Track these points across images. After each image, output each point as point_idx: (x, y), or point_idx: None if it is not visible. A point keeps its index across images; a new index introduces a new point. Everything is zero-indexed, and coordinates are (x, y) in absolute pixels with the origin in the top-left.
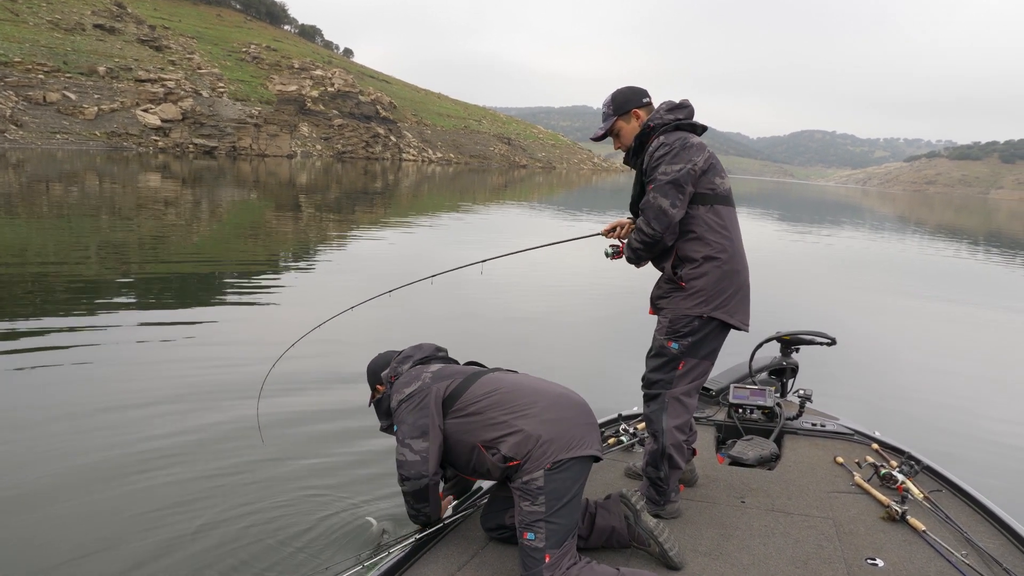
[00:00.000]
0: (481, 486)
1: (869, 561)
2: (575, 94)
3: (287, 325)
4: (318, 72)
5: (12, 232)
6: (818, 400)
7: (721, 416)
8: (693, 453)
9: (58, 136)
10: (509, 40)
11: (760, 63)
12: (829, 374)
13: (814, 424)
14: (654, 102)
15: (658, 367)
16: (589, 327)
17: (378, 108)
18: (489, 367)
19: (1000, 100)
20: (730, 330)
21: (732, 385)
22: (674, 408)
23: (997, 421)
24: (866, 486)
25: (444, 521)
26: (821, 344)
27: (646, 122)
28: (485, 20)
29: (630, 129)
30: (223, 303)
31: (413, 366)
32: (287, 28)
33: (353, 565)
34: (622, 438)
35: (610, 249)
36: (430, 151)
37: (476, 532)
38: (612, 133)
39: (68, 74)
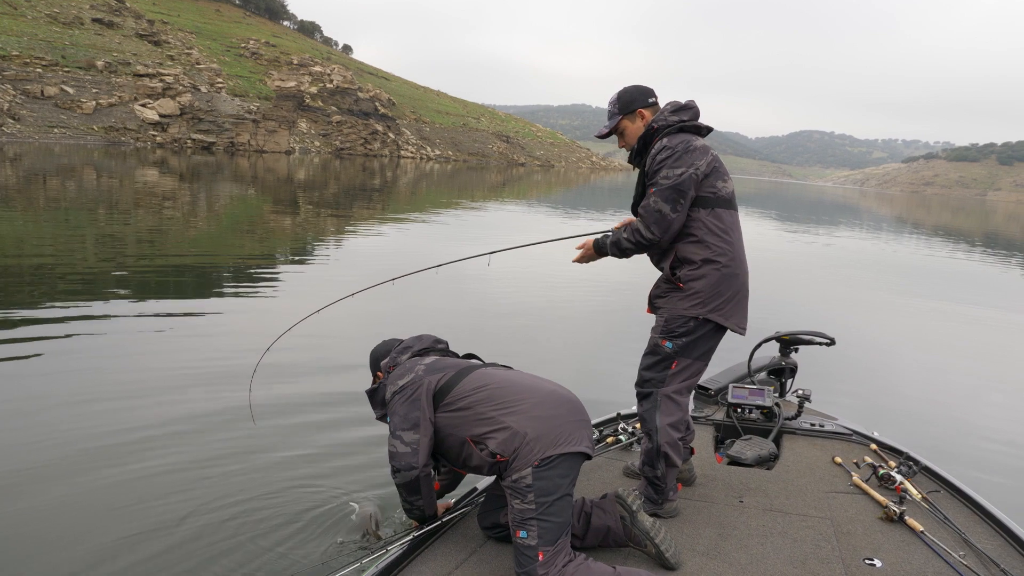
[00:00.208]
0: (475, 487)
1: (867, 561)
2: (574, 92)
3: (285, 315)
4: (317, 68)
5: (9, 226)
6: (817, 400)
7: (720, 416)
8: (691, 452)
9: (56, 130)
10: (508, 37)
11: (759, 63)
12: (828, 374)
13: (813, 424)
14: (660, 101)
15: (651, 365)
16: (588, 325)
17: (377, 105)
18: (485, 361)
19: (998, 103)
20: (726, 332)
21: (731, 385)
22: (667, 406)
23: (995, 422)
24: (864, 486)
25: (442, 519)
26: (820, 344)
27: (650, 123)
28: (484, 17)
29: (634, 129)
30: (220, 295)
31: (411, 357)
32: (286, 24)
33: (351, 563)
34: (620, 437)
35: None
36: (428, 148)
37: (474, 530)
38: (617, 132)
39: (66, 68)
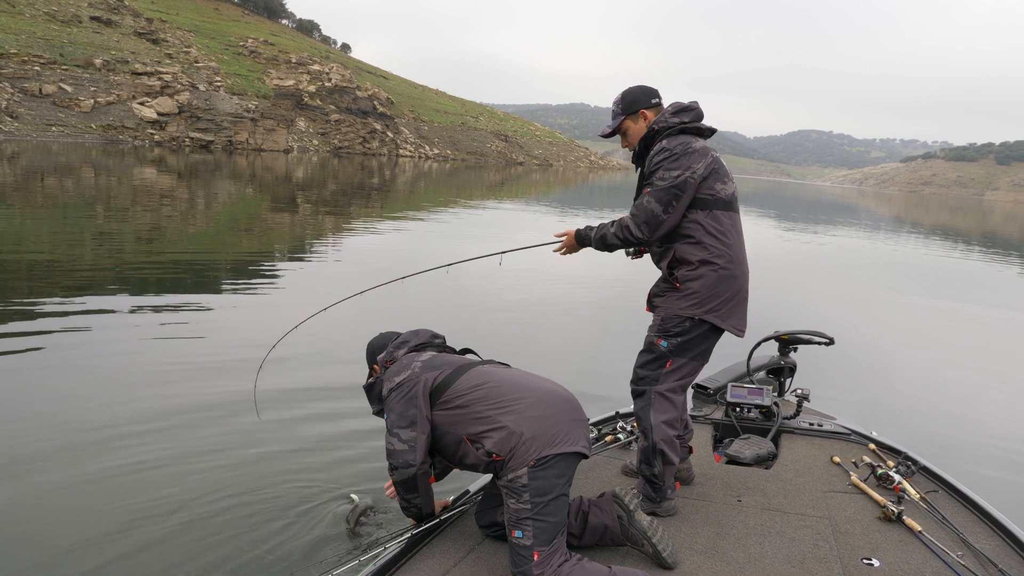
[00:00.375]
0: (468, 490)
1: (865, 561)
2: (573, 92)
3: (292, 311)
4: (315, 67)
5: (7, 223)
6: (815, 400)
7: (718, 415)
8: (690, 451)
9: (54, 128)
10: (507, 36)
11: (757, 63)
12: (827, 374)
13: (811, 424)
14: (664, 102)
15: (646, 363)
16: (588, 323)
17: (375, 104)
18: (482, 358)
19: (996, 102)
20: (724, 333)
21: (730, 384)
22: (660, 404)
23: (994, 422)
24: (863, 486)
25: (440, 517)
26: (819, 344)
27: (651, 124)
28: (484, 16)
29: (637, 129)
30: (222, 292)
31: (408, 352)
32: (285, 22)
33: (349, 560)
34: (619, 436)
35: (632, 248)
36: (427, 147)
37: (472, 529)
38: (619, 132)
39: (64, 66)
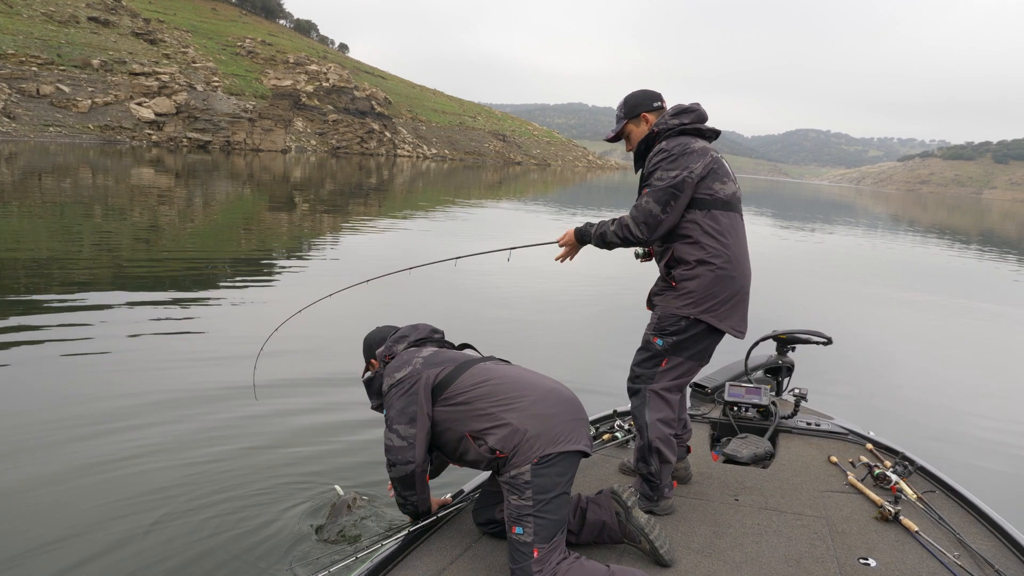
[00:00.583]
0: (462, 489)
1: (861, 561)
2: (571, 91)
3: (294, 306)
4: (313, 67)
5: (4, 222)
6: (813, 399)
7: (716, 414)
8: (688, 450)
9: (51, 129)
10: (505, 36)
11: (755, 62)
12: (825, 373)
13: (809, 423)
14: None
15: (642, 361)
16: (587, 321)
17: (373, 104)
18: (483, 354)
19: (993, 101)
20: (723, 335)
21: (727, 383)
22: (655, 402)
23: (992, 422)
24: (860, 486)
25: (437, 515)
26: (817, 343)
27: (652, 126)
28: (482, 16)
29: (639, 132)
30: (222, 288)
31: (408, 347)
32: (282, 23)
33: (347, 558)
34: (617, 434)
35: (640, 250)
36: (425, 147)
37: (469, 526)
38: (623, 135)
39: (62, 67)
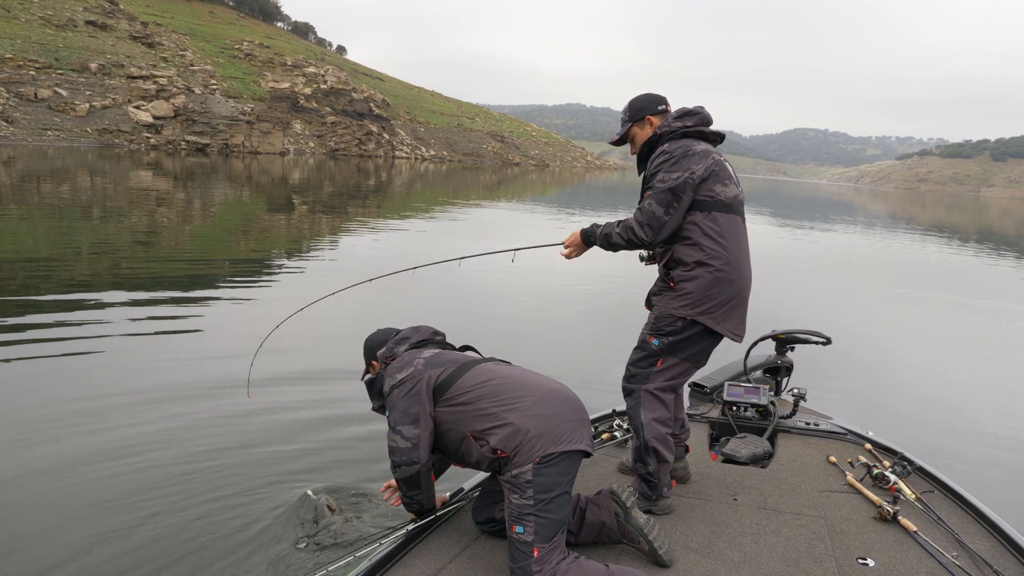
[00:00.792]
0: (462, 488)
1: (860, 561)
2: (569, 92)
3: (292, 304)
4: (311, 69)
5: (3, 224)
6: (812, 399)
7: (715, 413)
8: (686, 450)
9: (49, 132)
10: (503, 37)
11: (754, 62)
12: (824, 373)
13: (808, 423)
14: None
15: (638, 360)
16: (587, 321)
17: (371, 105)
18: (483, 356)
19: (991, 99)
20: (721, 338)
21: (726, 383)
22: (650, 402)
23: (991, 423)
24: (858, 486)
25: (436, 513)
26: (816, 343)
27: (656, 129)
28: (479, 17)
29: (643, 135)
30: (222, 288)
31: (409, 349)
32: (280, 25)
33: (345, 557)
34: (616, 433)
35: (646, 252)
36: (423, 149)
37: (468, 524)
38: (628, 139)
39: (60, 70)
